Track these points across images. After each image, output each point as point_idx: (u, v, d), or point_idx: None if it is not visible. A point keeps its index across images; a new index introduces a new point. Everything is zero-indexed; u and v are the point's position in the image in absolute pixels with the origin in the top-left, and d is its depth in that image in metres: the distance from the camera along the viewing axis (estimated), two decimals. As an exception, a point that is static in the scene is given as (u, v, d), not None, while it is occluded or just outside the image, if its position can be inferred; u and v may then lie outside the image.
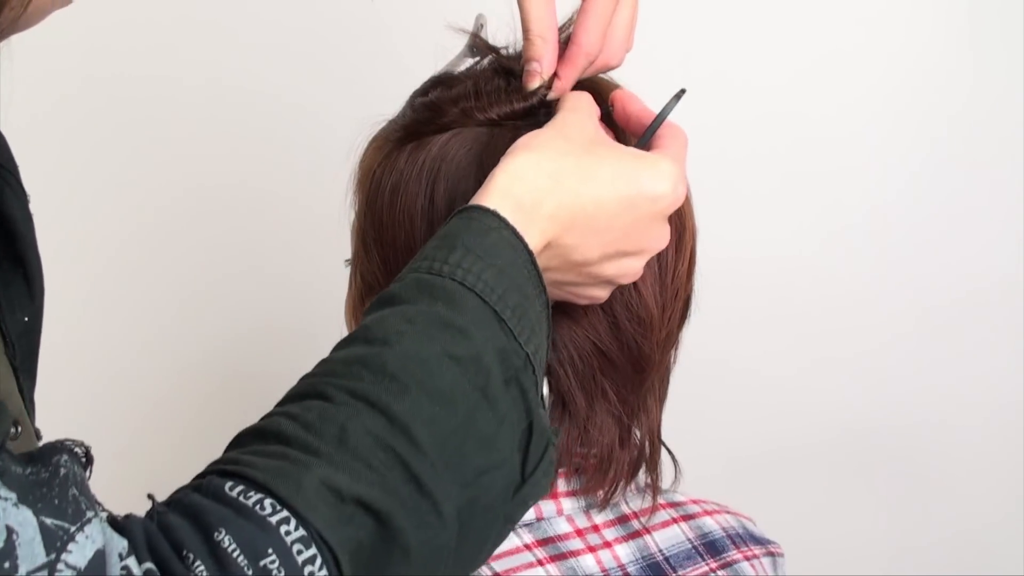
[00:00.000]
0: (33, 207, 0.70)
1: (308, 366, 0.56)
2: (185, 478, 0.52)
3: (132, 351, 1.39)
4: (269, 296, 1.40)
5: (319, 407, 0.51)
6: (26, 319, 0.68)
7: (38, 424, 0.70)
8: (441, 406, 0.52)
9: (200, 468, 0.52)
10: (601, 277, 0.65)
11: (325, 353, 0.57)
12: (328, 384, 0.52)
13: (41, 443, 0.64)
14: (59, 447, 0.48)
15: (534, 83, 0.71)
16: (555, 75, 0.71)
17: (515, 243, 0.58)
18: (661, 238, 0.65)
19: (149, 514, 0.49)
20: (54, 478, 0.46)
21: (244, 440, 0.52)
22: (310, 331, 1.30)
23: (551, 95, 0.71)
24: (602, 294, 0.67)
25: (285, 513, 0.48)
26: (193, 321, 1.39)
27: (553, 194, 0.60)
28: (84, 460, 0.50)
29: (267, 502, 0.48)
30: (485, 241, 0.57)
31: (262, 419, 0.53)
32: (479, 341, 0.54)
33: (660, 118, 0.68)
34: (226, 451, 0.53)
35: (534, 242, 0.59)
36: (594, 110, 0.68)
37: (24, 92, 1.21)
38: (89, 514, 0.46)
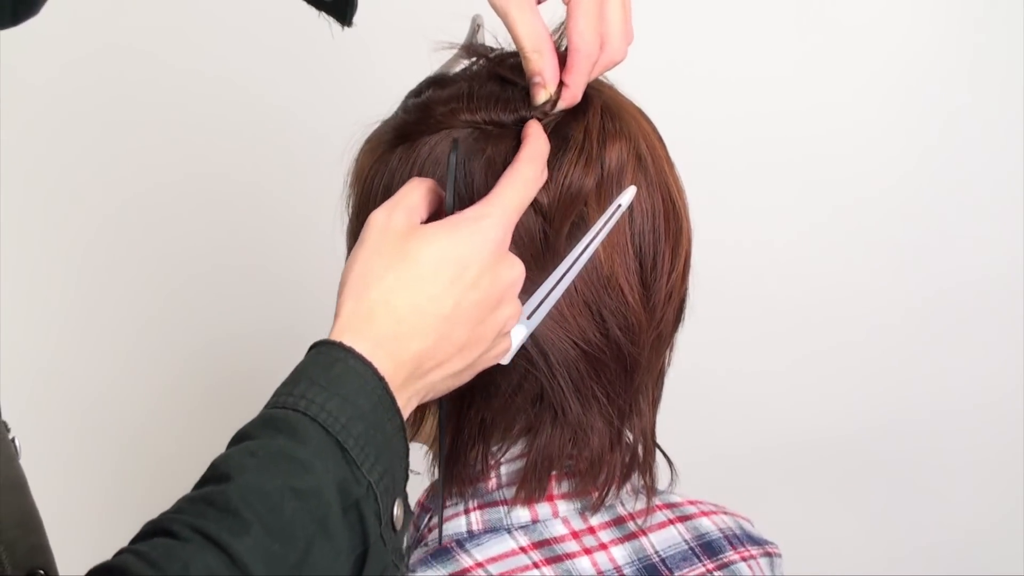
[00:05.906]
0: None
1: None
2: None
3: (123, 350, 1.38)
4: (261, 295, 1.40)
5: (165, 544, 0.53)
6: None
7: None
8: (281, 543, 0.54)
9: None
10: (484, 342, 0.65)
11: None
12: (175, 521, 0.54)
13: (11, 436, 0.64)
14: None
15: (541, 97, 0.70)
16: (562, 84, 0.70)
17: (362, 370, 0.59)
18: (511, 278, 0.65)
19: None
20: None
21: None
22: (299, 331, 1.30)
23: (562, 104, 0.70)
24: (502, 346, 0.67)
25: None
26: (184, 321, 1.39)
27: (390, 317, 0.61)
28: None
29: None
30: (331, 372, 0.59)
31: (113, 556, 0.54)
32: (320, 473, 0.56)
33: (450, 180, 0.66)
34: None
35: (386, 366, 0.60)
36: (400, 198, 0.65)
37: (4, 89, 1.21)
38: None
